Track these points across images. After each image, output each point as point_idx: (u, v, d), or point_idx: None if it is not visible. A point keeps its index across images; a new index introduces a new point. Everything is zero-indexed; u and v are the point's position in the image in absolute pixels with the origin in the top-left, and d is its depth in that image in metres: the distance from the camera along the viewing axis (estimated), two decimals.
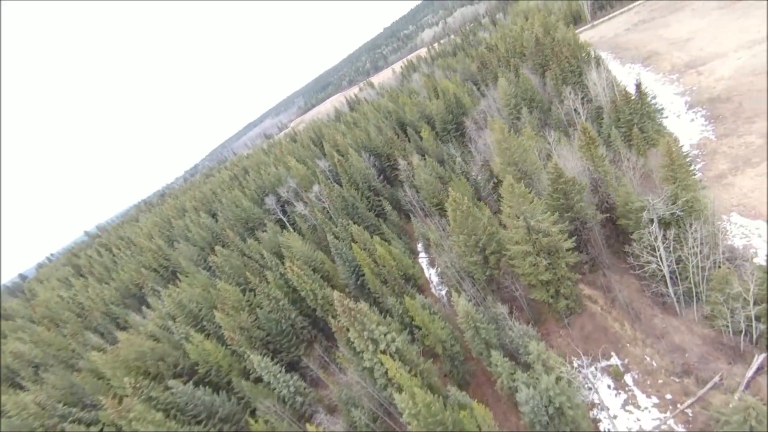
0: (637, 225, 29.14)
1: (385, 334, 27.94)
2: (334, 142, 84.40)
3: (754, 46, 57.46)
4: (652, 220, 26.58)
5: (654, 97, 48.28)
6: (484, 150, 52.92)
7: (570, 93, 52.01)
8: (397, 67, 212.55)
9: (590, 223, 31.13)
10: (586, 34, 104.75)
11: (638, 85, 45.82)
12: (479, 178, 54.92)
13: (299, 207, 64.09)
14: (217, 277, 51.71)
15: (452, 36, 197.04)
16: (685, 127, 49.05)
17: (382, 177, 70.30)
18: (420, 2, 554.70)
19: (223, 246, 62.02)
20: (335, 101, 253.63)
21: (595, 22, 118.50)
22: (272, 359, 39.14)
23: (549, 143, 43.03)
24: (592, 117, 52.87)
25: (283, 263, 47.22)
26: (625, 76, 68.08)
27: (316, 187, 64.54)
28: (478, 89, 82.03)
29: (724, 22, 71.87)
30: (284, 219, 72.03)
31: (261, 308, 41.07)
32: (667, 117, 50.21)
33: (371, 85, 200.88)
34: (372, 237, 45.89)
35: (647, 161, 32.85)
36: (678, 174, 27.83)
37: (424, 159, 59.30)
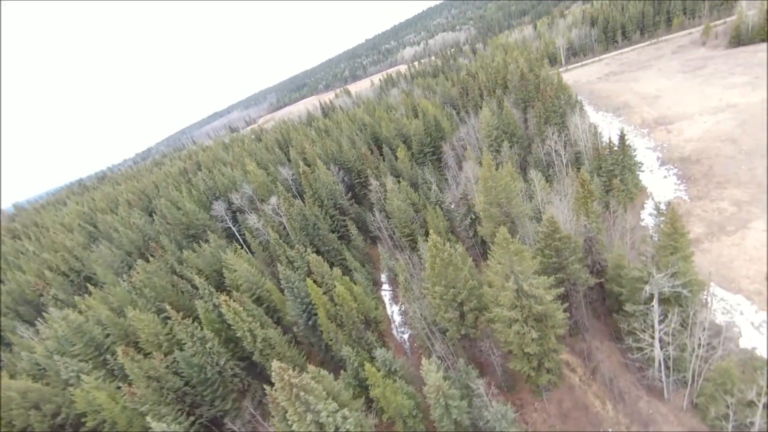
0: (632, 294, 26.06)
1: (334, 413, 21.83)
2: (302, 149, 77.44)
3: (717, 113, 60.32)
4: (652, 296, 23.42)
5: (635, 150, 47.75)
6: (464, 182, 49.26)
7: (553, 133, 50.36)
8: (376, 79, 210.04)
9: (580, 287, 27.71)
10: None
11: (622, 137, 44.87)
12: (453, 208, 51.24)
13: (252, 219, 56.10)
14: (133, 301, 41.97)
15: (433, 57, 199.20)
16: (659, 183, 49.03)
17: (350, 194, 64.43)
18: (404, 20, 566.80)
19: (152, 257, 52.06)
20: (309, 103, 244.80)
21: (569, 67, 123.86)
22: (187, 416, 31.15)
23: (534, 185, 40.11)
24: (571, 161, 51.56)
25: (219, 292, 39.26)
26: (600, 123, 69.10)
27: (274, 199, 57.03)
28: (458, 114, 79.88)
29: (688, 86, 76.30)
30: (233, 228, 63.32)
31: (182, 349, 32.91)
32: (643, 171, 50.05)
33: (348, 92, 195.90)
34: (332, 268, 39.69)
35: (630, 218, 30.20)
36: (679, 243, 25.20)
37: (399, 182, 54.59)
